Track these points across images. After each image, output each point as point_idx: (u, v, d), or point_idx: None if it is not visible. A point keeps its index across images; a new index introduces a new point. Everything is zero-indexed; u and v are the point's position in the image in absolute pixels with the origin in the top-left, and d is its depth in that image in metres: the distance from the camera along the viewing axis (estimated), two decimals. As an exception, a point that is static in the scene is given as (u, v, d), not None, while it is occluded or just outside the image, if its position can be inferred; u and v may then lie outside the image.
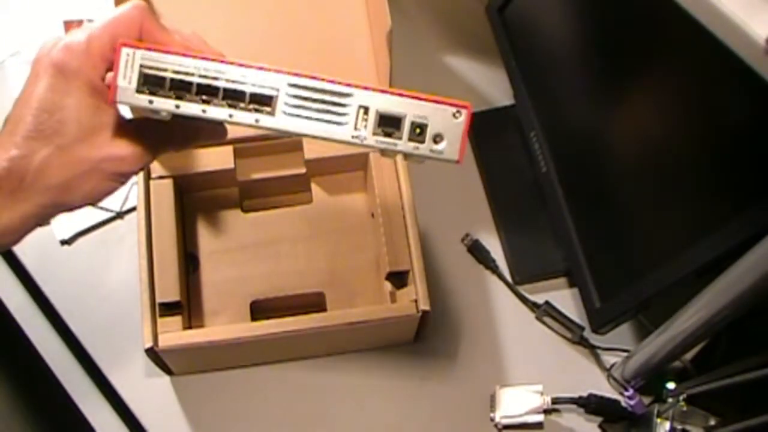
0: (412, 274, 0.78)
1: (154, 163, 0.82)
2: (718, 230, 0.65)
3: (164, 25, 0.51)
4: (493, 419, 0.82)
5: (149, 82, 0.48)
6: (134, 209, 0.85)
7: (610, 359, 0.86)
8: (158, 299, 0.76)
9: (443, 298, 0.89)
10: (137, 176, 0.81)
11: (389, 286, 0.80)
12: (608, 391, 0.84)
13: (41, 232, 0.51)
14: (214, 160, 0.84)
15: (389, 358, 0.86)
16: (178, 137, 0.54)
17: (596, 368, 0.86)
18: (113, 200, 0.92)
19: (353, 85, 0.49)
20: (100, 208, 0.91)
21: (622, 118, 0.81)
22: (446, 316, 0.88)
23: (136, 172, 0.52)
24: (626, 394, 0.81)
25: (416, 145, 0.50)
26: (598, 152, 0.83)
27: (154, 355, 0.75)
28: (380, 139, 0.50)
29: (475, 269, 0.92)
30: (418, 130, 0.50)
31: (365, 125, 0.50)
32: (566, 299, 0.89)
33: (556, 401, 0.83)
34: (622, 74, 0.78)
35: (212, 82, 0.49)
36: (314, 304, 0.84)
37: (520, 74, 0.94)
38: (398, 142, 0.50)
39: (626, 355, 0.82)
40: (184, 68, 0.48)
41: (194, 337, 0.75)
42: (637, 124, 0.78)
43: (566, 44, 0.89)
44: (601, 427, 0.83)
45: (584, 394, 0.83)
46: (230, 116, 0.49)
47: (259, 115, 0.49)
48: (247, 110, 0.49)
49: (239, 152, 0.84)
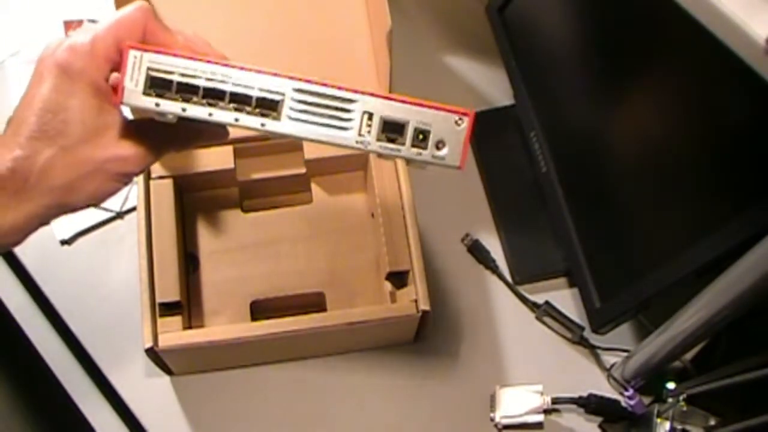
0: (412, 274, 0.78)
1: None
2: (718, 230, 0.65)
3: (167, 26, 0.52)
4: (493, 419, 0.82)
5: (156, 84, 0.49)
6: (134, 209, 0.85)
7: (610, 359, 0.86)
8: (158, 299, 0.76)
9: (443, 298, 0.89)
10: (137, 176, 0.81)
11: (389, 286, 0.80)
12: (608, 391, 0.85)
13: (41, 232, 0.51)
14: (214, 160, 0.84)
15: (389, 358, 0.86)
16: (180, 138, 0.55)
17: (596, 368, 0.86)
18: (113, 200, 0.91)
19: (358, 91, 0.50)
20: (100, 208, 0.91)
21: (622, 118, 0.81)
22: (446, 316, 0.88)
23: (139, 172, 0.53)
24: (626, 394, 0.81)
25: (419, 151, 0.51)
26: (598, 152, 0.83)
27: (154, 355, 0.75)
28: (384, 144, 0.50)
29: (475, 269, 0.92)
30: (420, 136, 0.50)
31: (369, 131, 0.50)
32: (566, 299, 0.89)
33: (556, 401, 0.83)
34: (622, 74, 0.78)
35: (219, 85, 0.49)
36: (314, 304, 0.84)
37: (520, 74, 0.94)
38: (401, 147, 0.51)
39: (626, 355, 0.82)
40: (191, 71, 0.49)
41: (194, 337, 0.75)
42: (637, 124, 0.78)
43: (566, 44, 0.89)
44: (601, 427, 0.84)
45: (584, 394, 0.83)
46: (236, 120, 0.50)
47: (264, 119, 0.50)
48: (253, 114, 0.50)
49: (239, 152, 0.84)
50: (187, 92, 0.49)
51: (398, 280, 0.80)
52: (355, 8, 0.87)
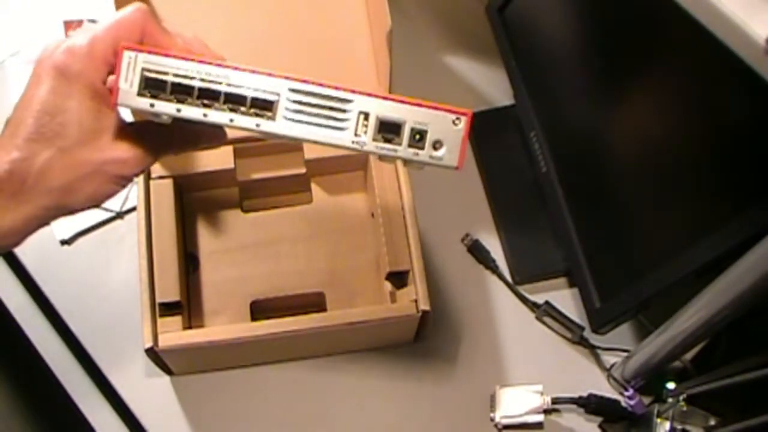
0: (412, 274, 0.78)
1: (154, 163, 0.82)
2: (718, 230, 0.65)
3: (166, 28, 0.52)
4: (493, 419, 0.82)
5: (151, 85, 0.48)
6: (134, 209, 0.84)
7: (610, 359, 0.86)
8: (158, 299, 0.76)
9: (443, 298, 0.89)
10: (137, 176, 0.81)
11: (389, 286, 0.80)
12: (608, 391, 0.85)
13: (41, 232, 0.51)
14: (214, 160, 0.84)
15: (389, 358, 0.86)
16: (178, 140, 0.55)
17: (596, 368, 0.86)
18: (113, 200, 0.90)
19: (354, 90, 0.49)
20: (100, 208, 0.91)
21: (622, 118, 0.81)
22: (446, 316, 0.88)
23: (137, 174, 0.53)
24: (626, 394, 0.81)
25: (416, 151, 0.50)
26: (598, 152, 0.83)
27: (154, 355, 0.75)
28: (380, 145, 0.50)
29: (475, 269, 0.92)
30: (417, 136, 0.50)
31: (365, 131, 0.50)
32: (566, 299, 0.89)
33: (556, 401, 0.83)
34: (622, 74, 0.78)
35: (213, 86, 0.49)
36: (314, 304, 0.84)
37: (520, 74, 0.94)
38: (398, 148, 0.50)
39: (626, 355, 0.82)
40: (185, 72, 0.48)
41: (194, 337, 0.75)
42: (637, 124, 0.78)
43: (566, 44, 0.89)
44: (601, 427, 0.84)
45: (584, 394, 0.83)
46: (231, 120, 0.49)
47: (259, 119, 0.49)
48: (248, 115, 0.49)
49: (239, 152, 0.84)
50: (181, 93, 0.49)
51: (398, 280, 0.80)
52: (355, 8, 0.87)
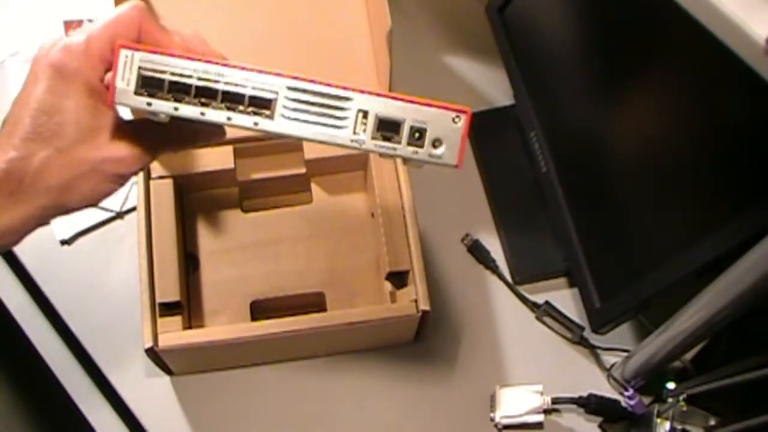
0: (412, 274, 0.78)
1: (154, 163, 0.82)
2: (718, 230, 0.65)
3: (164, 25, 0.51)
4: (493, 419, 0.82)
5: (148, 84, 0.48)
6: (134, 209, 0.84)
7: (610, 359, 0.86)
8: (158, 299, 0.76)
9: (443, 298, 0.89)
10: (137, 176, 0.81)
11: (389, 286, 0.80)
12: (608, 391, 0.84)
13: (41, 232, 0.51)
14: (214, 160, 0.84)
15: (389, 358, 0.86)
16: (176, 138, 0.54)
17: (596, 368, 0.86)
18: (113, 200, 0.92)
19: (352, 89, 0.49)
20: (100, 208, 0.91)
21: (622, 118, 0.81)
22: (446, 316, 0.88)
23: (135, 173, 0.52)
24: (626, 394, 0.81)
25: (415, 149, 0.50)
26: (598, 152, 0.83)
27: (154, 355, 0.75)
28: (379, 143, 0.50)
29: (475, 269, 0.92)
30: (417, 134, 0.50)
31: (364, 129, 0.49)
32: (566, 299, 0.89)
33: (556, 401, 0.83)
34: (622, 74, 0.78)
35: (211, 84, 0.48)
36: (314, 304, 0.84)
37: (520, 74, 0.94)
38: (397, 146, 0.50)
39: (626, 355, 0.82)
40: (182, 70, 0.48)
41: (194, 337, 0.75)
42: (637, 124, 0.78)
43: (566, 44, 0.89)
44: (601, 427, 0.83)
45: (584, 394, 0.83)
46: (229, 119, 0.49)
47: (257, 118, 0.49)
48: (245, 113, 0.49)
49: (239, 152, 0.84)
50: (179, 91, 0.48)
51: (398, 280, 0.80)
52: (355, 8, 0.87)
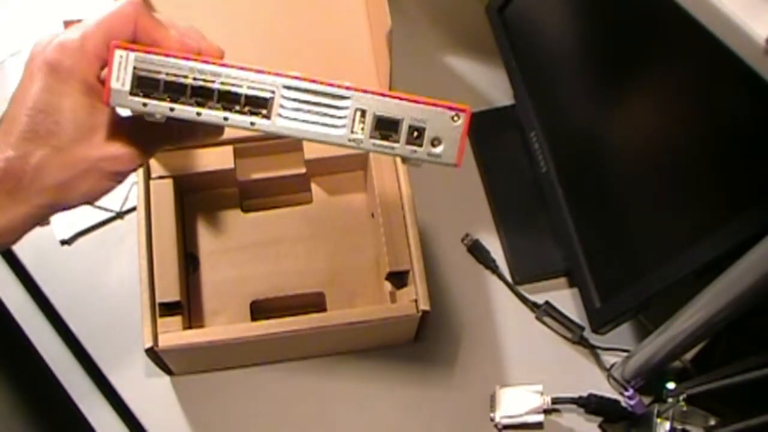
0: (412, 274, 0.78)
1: (154, 163, 0.82)
2: (718, 230, 0.65)
3: (160, 19, 0.51)
4: (493, 419, 0.82)
5: (143, 84, 0.48)
6: (134, 209, 0.84)
7: (610, 359, 0.86)
8: (158, 299, 0.76)
9: (443, 298, 0.89)
10: (137, 176, 0.81)
11: (389, 286, 0.80)
12: (608, 391, 0.84)
13: (41, 232, 0.51)
14: (214, 160, 0.84)
15: (389, 358, 0.86)
16: (174, 135, 0.54)
17: (596, 368, 0.86)
18: (113, 200, 0.92)
19: (350, 87, 0.49)
20: (100, 208, 0.91)
21: (622, 118, 0.81)
22: (446, 316, 0.88)
23: (133, 170, 0.52)
24: (626, 394, 0.81)
25: (414, 148, 0.49)
26: (598, 152, 0.83)
27: (154, 355, 0.75)
28: (377, 142, 0.49)
29: (475, 269, 0.92)
30: (415, 133, 0.49)
31: (362, 128, 0.49)
32: (566, 299, 0.89)
33: (556, 401, 0.83)
34: (622, 74, 0.78)
35: (207, 84, 0.48)
36: (314, 304, 0.84)
37: (520, 74, 0.94)
38: (395, 145, 0.49)
39: (626, 355, 0.82)
40: (178, 70, 0.48)
41: (194, 337, 0.75)
42: (637, 124, 0.78)
43: (566, 44, 0.89)
44: (601, 427, 0.83)
45: (584, 394, 0.83)
46: (225, 119, 0.49)
47: (254, 117, 0.49)
48: (242, 113, 0.49)
49: (239, 152, 0.84)
50: (174, 92, 0.48)
51: (398, 280, 0.80)
52: (355, 8, 0.87)
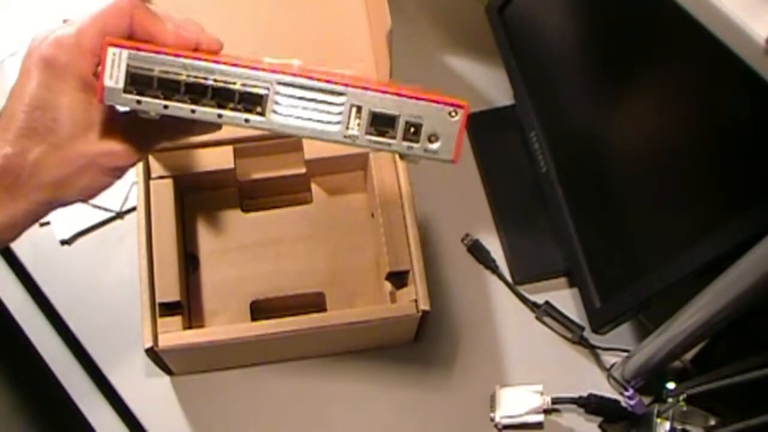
0: (412, 274, 0.78)
1: (154, 163, 0.82)
2: (718, 230, 0.65)
3: (156, 12, 0.50)
4: (493, 419, 0.82)
5: (137, 81, 0.47)
6: (134, 209, 0.84)
7: (610, 359, 0.86)
8: (158, 299, 0.76)
9: (443, 298, 0.89)
10: (137, 176, 0.81)
11: (389, 286, 0.80)
12: (608, 391, 0.84)
13: (41, 232, 0.51)
14: (214, 160, 0.84)
15: (389, 358, 0.86)
16: (171, 129, 0.54)
17: (596, 368, 0.86)
18: (113, 200, 0.92)
19: (346, 83, 0.48)
20: (100, 208, 0.91)
21: (622, 118, 0.81)
22: (446, 316, 0.88)
23: (132, 165, 0.52)
24: (626, 394, 0.81)
25: (410, 144, 0.49)
26: (598, 152, 0.83)
27: (154, 355, 0.75)
28: (373, 138, 0.49)
29: (475, 269, 0.92)
30: (412, 129, 0.49)
31: (358, 124, 0.48)
32: (566, 299, 0.89)
33: (556, 401, 0.83)
34: (622, 74, 0.78)
35: (200, 81, 0.48)
36: (314, 304, 0.84)
37: (520, 74, 0.93)
38: (392, 141, 0.49)
39: (626, 355, 0.82)
40: (172, 67, 0.48)
41: (194, 337, 0.75)
42: (637, 124, 0.78)
43: (566, 44, 0.89)
44: (601, 427, 0.83)
45: (584, 394, 0.83)
46: (219, 116, 0.48)
47: (249, 114, 0.48)
48: (236, 110, 0.48)
49: (239, 152, 0.84)
50: (168, 89, 0.48)
51: (398, 280, 0.80)
52: (355, 8, 0.87)
